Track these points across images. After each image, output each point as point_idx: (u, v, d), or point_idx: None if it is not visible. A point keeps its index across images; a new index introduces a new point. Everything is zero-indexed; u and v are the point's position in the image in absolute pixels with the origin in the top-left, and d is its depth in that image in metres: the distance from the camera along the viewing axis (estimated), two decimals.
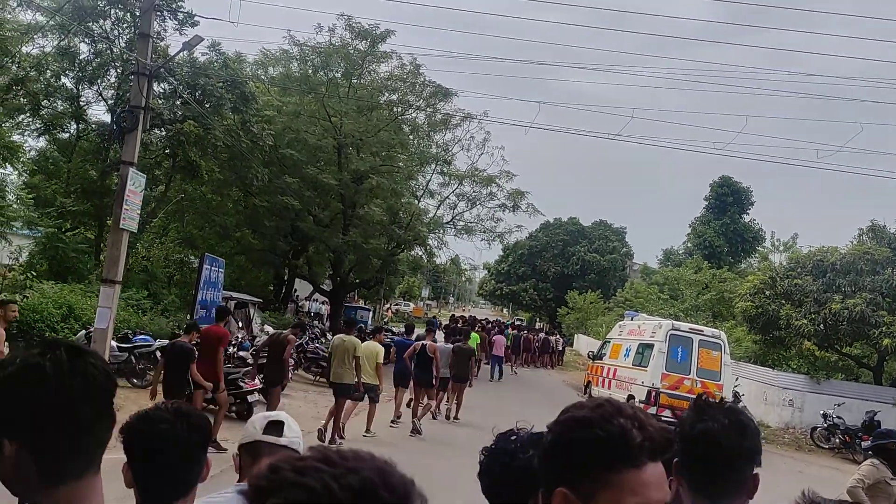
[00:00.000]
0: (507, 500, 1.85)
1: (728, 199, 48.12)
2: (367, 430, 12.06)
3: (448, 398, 14.96)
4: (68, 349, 1.29)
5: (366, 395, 11.90)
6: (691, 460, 1.76)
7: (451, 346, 15.33)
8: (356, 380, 11.21)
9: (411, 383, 13.36)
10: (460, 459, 8.33)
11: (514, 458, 1.87)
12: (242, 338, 16.34)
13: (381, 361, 12.40)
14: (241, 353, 14.48)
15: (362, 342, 12.18)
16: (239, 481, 2.13)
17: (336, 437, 10.94)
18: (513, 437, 1.98)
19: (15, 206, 18.30)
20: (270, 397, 10.91)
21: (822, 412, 18.53)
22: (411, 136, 28.32)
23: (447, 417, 14.85)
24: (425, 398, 13.48)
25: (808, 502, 2.47)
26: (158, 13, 15.94)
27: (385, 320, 42.78)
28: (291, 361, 13.28)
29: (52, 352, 1.27)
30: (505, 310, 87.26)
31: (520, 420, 2.06)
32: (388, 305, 54.05)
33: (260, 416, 2.19)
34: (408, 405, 13.53)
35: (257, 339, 18.63)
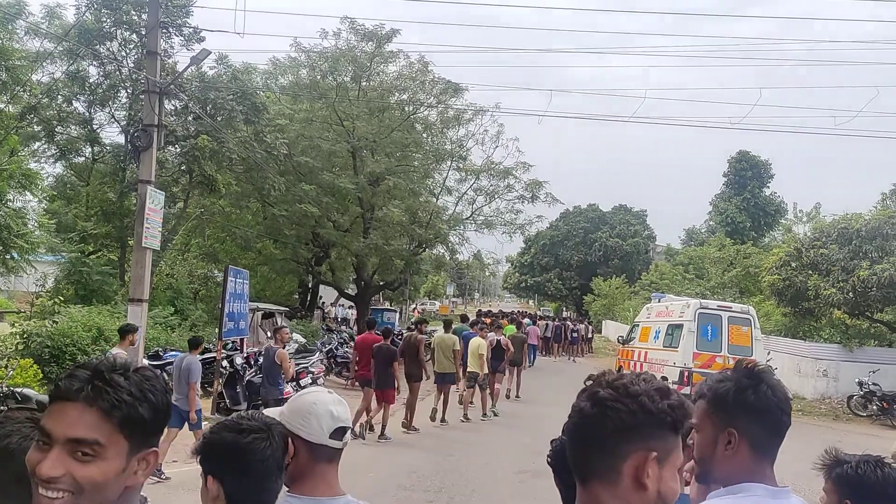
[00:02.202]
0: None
1: (747, 174, 47.54)
2: (485, 413, 14.49)
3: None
4: (135, 368, 1.36)
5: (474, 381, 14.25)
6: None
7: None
8: (456, 370, 13.70)
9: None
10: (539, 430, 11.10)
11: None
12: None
13: (484, 353, 14.39)
14: None
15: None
16: (286, 465, 2.02)
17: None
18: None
19: (37, 232, 18.55)
20: (412, 391, 12.87)
21: (857, 380, 18.31)
22: (425, 135, 28.29)
23: (507, 397, 17.22)
24: (496, 385, 15.52)
25: (833, 458, 2.45)
26: (164, 31, 16.12)
27: (412, 320, 42.85)
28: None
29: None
30: (531, 301, 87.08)
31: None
32: (413, 305, 54.11)
33: (326, 413, 2.06)
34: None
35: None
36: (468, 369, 14.26)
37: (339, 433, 2.03)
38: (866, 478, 2.36)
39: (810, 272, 20.99)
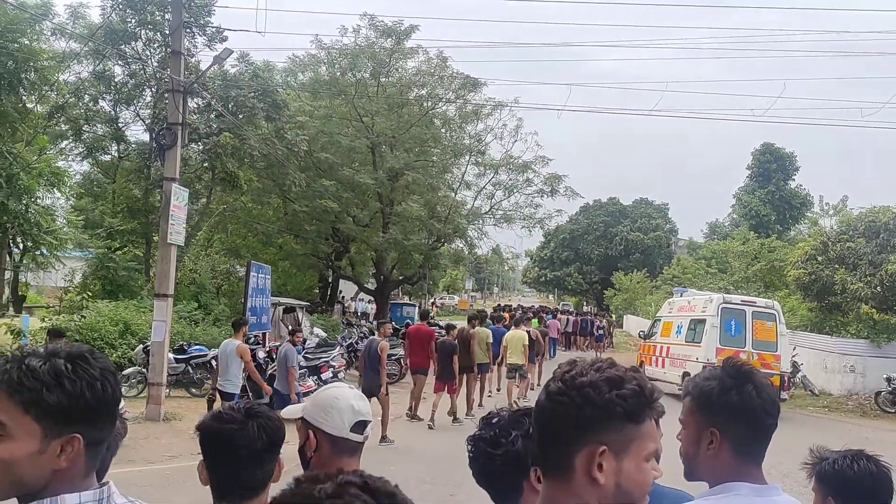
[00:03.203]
0: (499, 485, 1.89)
1: (772, 167, 46.95)
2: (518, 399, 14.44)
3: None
4: (68, 356, 1.38)
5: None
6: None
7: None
8: (522, 363, 15.00)
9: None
10: None
11: (496, 445, 1.89)
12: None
13: (526, 344, 15.25)
14: None
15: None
16: (309, 458, 2.08)
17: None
18: (493, 421, 2.00)
19: (66, 229, 18.88)
20: (469, 381, 13.82)
21: (885, 376, 18.03)
22: (443, 130, 28.29)
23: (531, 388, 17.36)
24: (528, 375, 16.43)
25: (816, 456, 2.44)
26: (188, 30, 16.26)
27: (431, 315, 42.94)
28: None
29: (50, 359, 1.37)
30: (550, 296, 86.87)
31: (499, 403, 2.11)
32: (432, 300, 54.22)
33: (348, 407, 2.11)
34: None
35: (307, 342, 18.92)
36: (509, 361, 15.07)
37: (359, 427, 2.08)
38: (843, 472, 2.33)
39: (837, 266, 20.73)
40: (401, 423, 12.75)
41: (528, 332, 16.51)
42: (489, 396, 15.63)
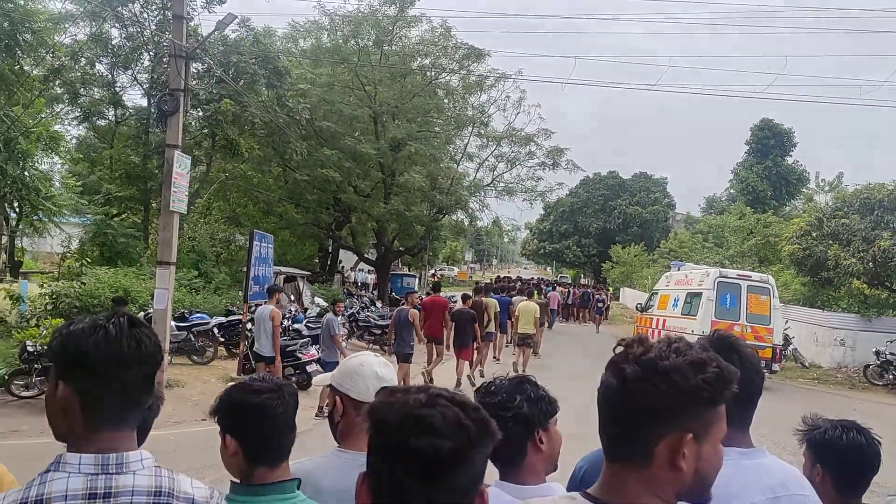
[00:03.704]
0: (506, 447, 1.86)
1: (770, 143, 46.97)
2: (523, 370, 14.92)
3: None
4: (129, 319, 1.51)
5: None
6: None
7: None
8: (534, 332, 15.93)
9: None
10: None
11: (506, 408, 1.99)
12: (295, 310, 16.72)
13: (538, 316, 16.19)
14: (295, 326, 14.89)
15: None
16: (336, 423, 2.22)
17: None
18: (495, 388, 2.09)
19: (64, 194, 18.87)
20: (480, 348, 14.53)
21: (874, 349, 18.30)
22: (446, 100, 28.17)
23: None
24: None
25: (809, 425, 2.55)
26: None
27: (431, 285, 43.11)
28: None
29: (117, 318, 1.50)
30: (548, 268, 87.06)
31: (496, 371, 2.18)
32: (432, 271, 54.40)
33: (372, 374, 2.21)
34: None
35: (308, 311, 19.09)
36: (520, 330, 15.81)
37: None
38: (833, 442, 2.42)
39: (831, 242, 20.88)
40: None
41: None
42: (496, 361, 16.73)
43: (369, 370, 2.23)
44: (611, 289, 47.79)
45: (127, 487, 1.45)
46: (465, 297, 14.84)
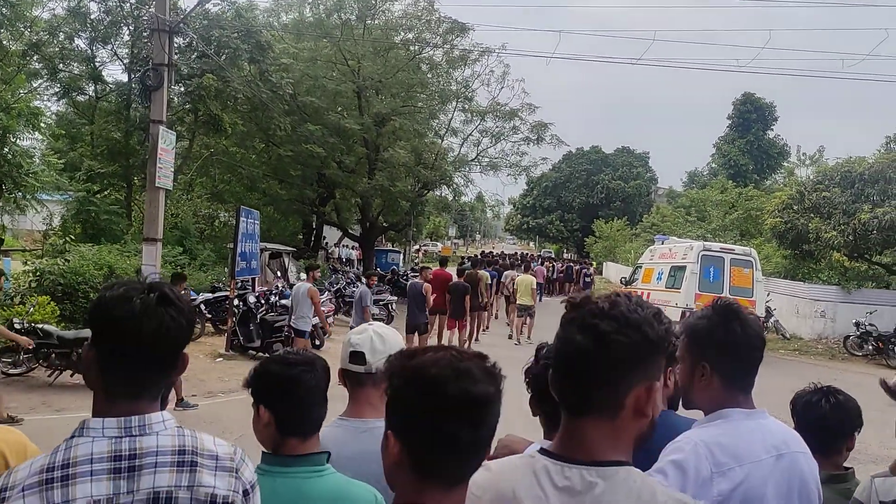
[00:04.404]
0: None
1: (751, 117, 47.28)
2: (529, 337, 16.91)
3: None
4: (160, 295, 1.53)
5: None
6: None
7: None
8: (532, 303, 17.19)
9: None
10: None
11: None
12: (282, 286, 16.72)
13: (534, 288, 17.65)
14: (283, 302, 14.89)
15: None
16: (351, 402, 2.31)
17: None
18: (545, 352, 2.20)
19: (46, 171, 18.61)
20: (474, 318, 15.48)
21: (854, 321, 18.66)
22: (430, 75, 27.96)
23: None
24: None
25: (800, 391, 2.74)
26: None
27: (416, 261, 43.20)
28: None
29: (147, 293, 1.52)
30: (531, 243, 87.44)
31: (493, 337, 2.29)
32: (416, 246, 54.41)
33: (347, 343, 2.30)
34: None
35: (294, 286, 19.08)
36: (519, 301, 17.23)
37: (355, 357, 2.26)
38: (813, 406, 2.66)
39: (812, 215, 21.17)
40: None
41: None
42: (484, 332, 17.88)
43: (347, 338, 2.32)
44: (594, 263, 48.12)
45: (151, 448, 1.47)
46: (461, 271, 15.85)
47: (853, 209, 20.10)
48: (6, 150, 15.47)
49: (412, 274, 25.94)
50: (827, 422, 2.60)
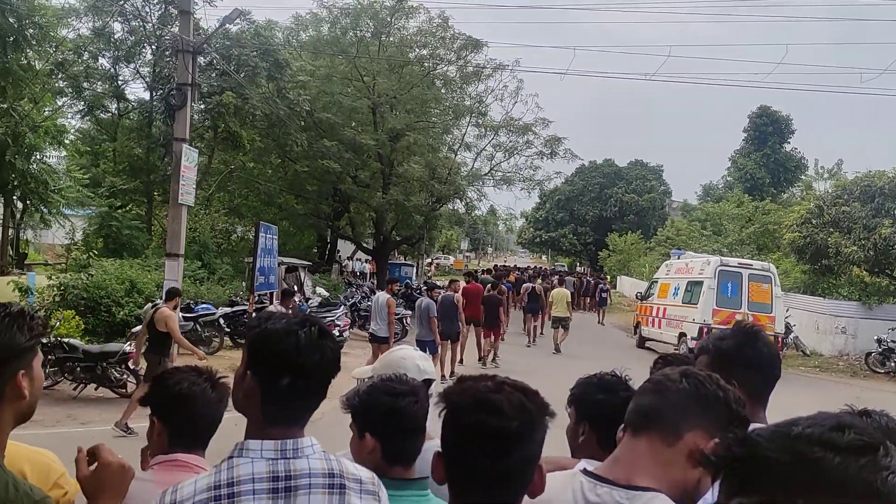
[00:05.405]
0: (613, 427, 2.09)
1: (767, 130, 46.99)
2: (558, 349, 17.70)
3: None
4: (320, 329, 1.63)
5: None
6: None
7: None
8: (567, 315, 18.12)
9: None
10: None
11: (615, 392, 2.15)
12: (299, 300, 16.82)
13: (570, 301, 18.82)
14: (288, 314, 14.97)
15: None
16: None
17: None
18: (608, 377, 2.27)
19: (71, 186, 18.91)
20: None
21: (875, 337, 18.45)
22: (444, 91, 28.20)
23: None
24: (534, 322, 19.72)
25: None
26: None
27: (429, 275, 43.25)
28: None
29: (309, 327, 1.62)
30: (544, 257, 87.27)
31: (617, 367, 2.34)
32: (428, 260, 54.48)
33: (414, 367, 2.34)
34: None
35: (310, 300, 19.18)
36: (554, 314, 18.23)
37: (424, 384, 2.29)
38: None
39: (831, 230, 21.05)
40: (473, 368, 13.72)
41: (533, 287, 20.52)
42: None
43: (411, 363, 2.37)
44: (608, 277, 47.97)
45: (304, 470, 1.56)
46: (494, 285, 17.00)
47: (873, 224, 19.98)
48: (33, 166, 15.72)
49: (425, 287, 25.96)
50: None
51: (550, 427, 1.43)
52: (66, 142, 19.08)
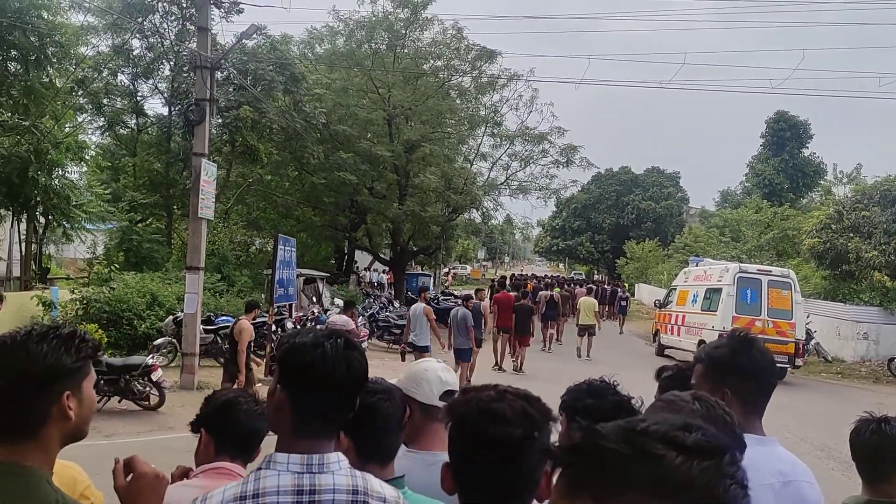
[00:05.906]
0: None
1: (785, 135, 46.66)
2: (588, 355, 18.16)
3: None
4: (346, 341, 1.67)
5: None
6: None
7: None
8: (594, 323, 18.63)
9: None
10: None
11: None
12: (318, 311, 16.91)
13: (597, 309, 19.46)
14: (318, 328, 15.06)
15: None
16: (403, 424, 2.27)
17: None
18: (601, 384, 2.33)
19: (93, 201, 19.17)
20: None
21: None
22: (459, 101, 28.31)
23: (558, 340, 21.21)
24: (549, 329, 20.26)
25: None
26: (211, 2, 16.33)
27: (446, 284, 43.29)
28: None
29: (335, 339, 1.65)
30: (561, 265, 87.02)
31: (613, 374, 2.39)
32: (445, 269, 54.51)
33: (436, 378, 2.36)
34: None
35: (329, 311, 19.28)
36: (581, 322, 18.72)
37: (447, 395, 2.32)
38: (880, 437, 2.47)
39: (851, 235, 20.87)
40: (487, 373, 14.03)
41: (552, 294, 21.06)
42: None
43: (433, 375, 2.39)
44: (626, 285, 47.74)
45: (328, 486, 1.59)
46: (524, 294, 17.36)
47: (894, 228, 19.80)
48: (55, 182, 15.97)
49: (443, 297, 26.04)
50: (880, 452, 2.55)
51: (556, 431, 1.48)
52: (87, 157, 19.35)
